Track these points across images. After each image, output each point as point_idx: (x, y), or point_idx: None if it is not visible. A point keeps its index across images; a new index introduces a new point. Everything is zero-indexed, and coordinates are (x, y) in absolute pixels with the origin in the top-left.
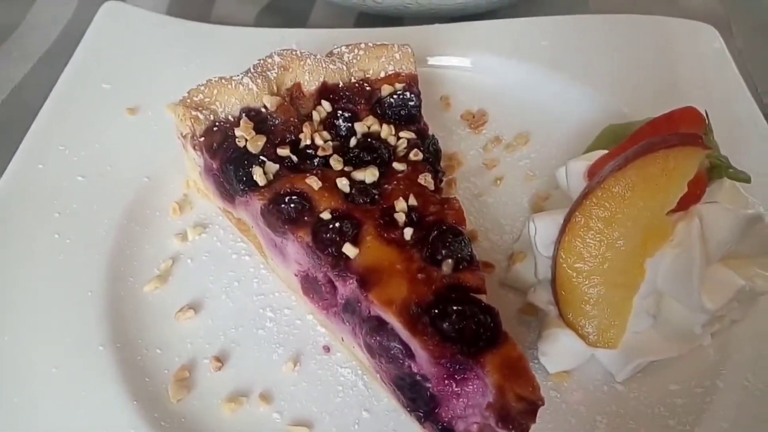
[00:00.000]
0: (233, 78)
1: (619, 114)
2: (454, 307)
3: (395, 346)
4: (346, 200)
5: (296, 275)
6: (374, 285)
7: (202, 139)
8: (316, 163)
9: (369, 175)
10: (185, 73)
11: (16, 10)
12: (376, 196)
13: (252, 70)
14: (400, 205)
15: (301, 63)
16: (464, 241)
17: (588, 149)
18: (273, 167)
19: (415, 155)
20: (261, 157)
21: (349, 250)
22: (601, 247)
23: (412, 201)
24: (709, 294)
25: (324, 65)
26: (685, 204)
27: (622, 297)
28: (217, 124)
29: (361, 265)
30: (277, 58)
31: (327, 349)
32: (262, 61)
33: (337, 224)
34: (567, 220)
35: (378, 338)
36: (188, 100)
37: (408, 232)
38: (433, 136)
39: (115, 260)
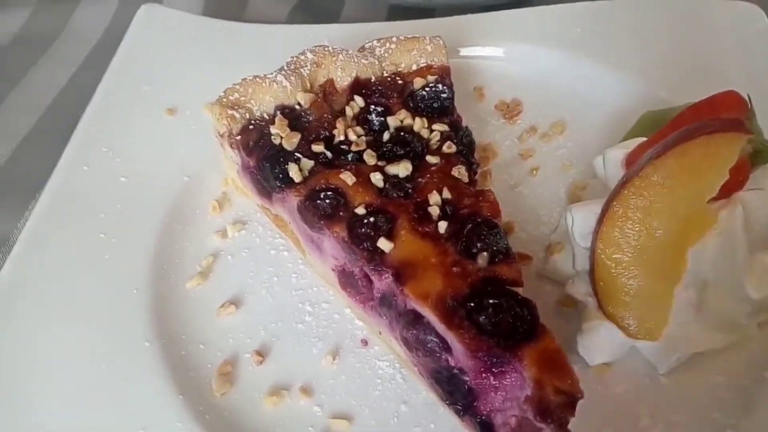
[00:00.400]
0: (267, 76)
1: (657, 100)
2: (491, 300)
3: (432, 340)
4: (380, 195)
5: (333, 270)
6: (409, 279)
7: (239, 137)
8: (350, 159)
9: (402, 169)
10: (221, 72)
11: (58, 17)
12: (410, 190)
13: (285, 67)
14: (434, 198)
15: (334, 59)
16: (499, 234)
17: (625, 137)
18: (308, 164)
19: (449, 147)
20: (296, 154)
21: (383, 244)
22: (641, 237)
23: (446, 194)
24: (754, 283)
25: (356, 60)
26: (727, 191)
27: (663, 287)
28: (252, 122)
29: (396, 259)
30: (309, 55)
31: (365, 342)
32: (295, 59)
33: (371, 219)
34: (605, 210)
35: (414, 332)
36: (224, 100)
37: (442, 226)
38: (466, 127)
39: (158, 258)
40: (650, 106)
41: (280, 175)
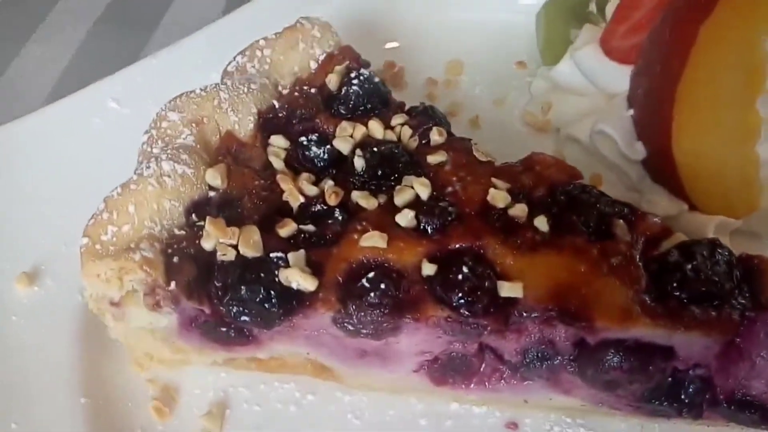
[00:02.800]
0: (131, 188)
1: None
2: (682, 263)
3: (652, 359)
4: (427, 236)
5: (416, 371)
6: (584, 308)
7: (172, 285)
8: (339, 219)
9: (420, 187)
10: None
11: None
12: (450, 208)
13: (155, 152)
14: (493, 195)
15: (213, 104)
16: (598, 192)
17: (545, 38)
18: (299, 258)
19: (439, 135)
20: (273, 257)
21: (506, 288)
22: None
23: (497, 186)
24: None
25: (242, 91)
26: None
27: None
28: (172, 252)
29: (536, 295)
30: (174, 116)
31: (514, 425)
32: (156, 133)
33: (459, 272)
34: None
35: (629, 362)
36: (98, 248)
37: (541, 222)
38: (422, 104)
39: None
40: None
41: (274, 299)
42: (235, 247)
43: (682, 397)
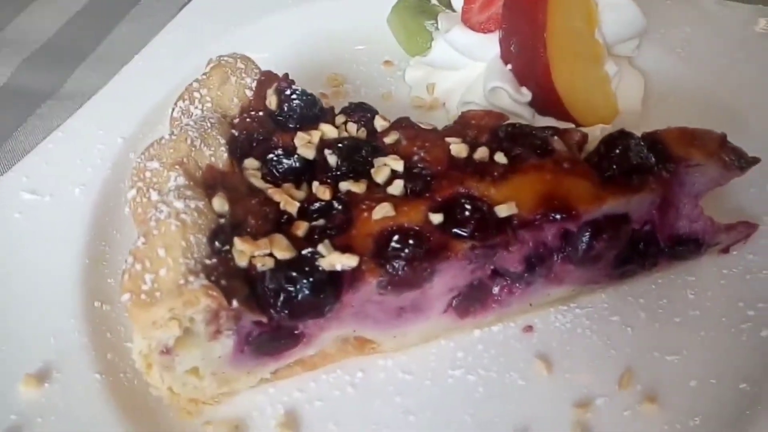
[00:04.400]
0: (153, 233)
1: None
2: (615, 150)
3: (620, 224)
4: (421, 197)
5: (446, 310)
6: (563, 202)
7: (234, 302)
8: (341, 207)
9: (393, 162)
10: None
11: None
12: (425, 171)
13: (151, 208)
14: (456, 150)
15: (187, 144)
16: (523, 125)
17: (406, 36)
18: (328, 247)
19: (383, 119)
20: (306, 252)
21: (503, 209)
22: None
23: (452, 141)
24: None
25: (206, 127)
26: None
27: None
28: (215, 279)
29: (526, 207)
30: (154, 164)
31: (529, 328)
32: (141, 188)
33: (463, 211)
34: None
35: (606, 233)
36: (144, 298)
37: (501, 157)
38: (350, 103)
39: None
40: None
41: (324, 286)
42: (270, 255)
43: (641, 251)
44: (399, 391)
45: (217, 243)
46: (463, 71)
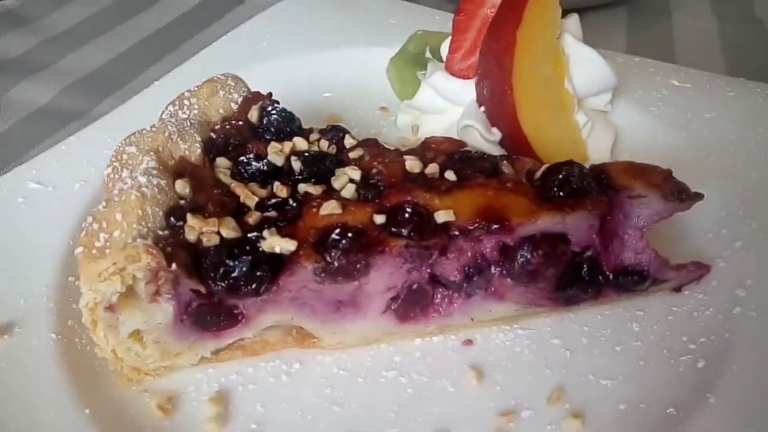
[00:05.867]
0: (115, 200)
1: None
2: (558, 175)
3: (556, 242)
4: (370, 202)
5: (385, 311)
6: (498, 214)
7: (173, 265)
8: (295, 204)
9: (352, 172)
10: None
11: None
12: (380, 182)
13: (119, 182)
14: (410, 166)
15: (165, 135)
16: (480, 152)
17: (399, 85)
18: (273, 233)
19: (351, 138)
20: (251, 235)
21: (441, 215)
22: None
23: (409, 159)
24: None
25: (186, 125)
26: None
27: (567, 119)
28: (162, 246)
29: (464, 216)
30: (132, 149)
31: (469, 342)
32: (116, 167)
33: (404, 214)
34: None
35: (540, 251)
36: (94, 252)
37: (450, 175)
38: (328, 125)
39: None
40: None
41: (262, 264)
42: (217, 233)
43: (583, 277)
44: (330, 384)
45: (172, 218)
46: (446, 115)
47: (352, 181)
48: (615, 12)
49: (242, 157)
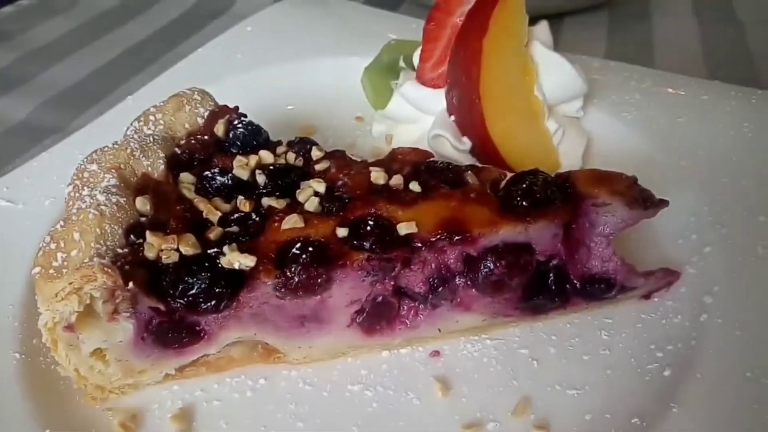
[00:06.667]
0: (73, 219)
1: None
2: (521, 184)
3: (520, 252)
4: (333, 215)
5: (350, 325)
6: (460, 225)
7: (130, 284)
8: (258, 218)
9: (317, 185)
10: None
11: None
12: (345, 195)
13: (78, 200)
14: (375, 177)
15: (127, 152)
16: (445, 162)
17: (373, 94)
18: (234, 249)
19: (319, 150)
20: (211, 251)
21: (403, 227)
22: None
23: (374, 170)
24: None
25: (149, 142)
26: None
27: (537, 125)
28: (120, 264)
29: (426, 228)
30: (93, 167)
31: (436, 353)
32: (77, 185)
33: (366, 226)
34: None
35: (505, 257)
36: (51, 272)
37: (414, 186)
38: (297, 138)
39: None
40: None
41: (221, 281)
42: (176, 250)
43: (550, 286)
44: (295, 399)
45: (132, 236)
46: (418, 124)
47: (316, 194)
48: (596, 15)
49: (207, 172)
